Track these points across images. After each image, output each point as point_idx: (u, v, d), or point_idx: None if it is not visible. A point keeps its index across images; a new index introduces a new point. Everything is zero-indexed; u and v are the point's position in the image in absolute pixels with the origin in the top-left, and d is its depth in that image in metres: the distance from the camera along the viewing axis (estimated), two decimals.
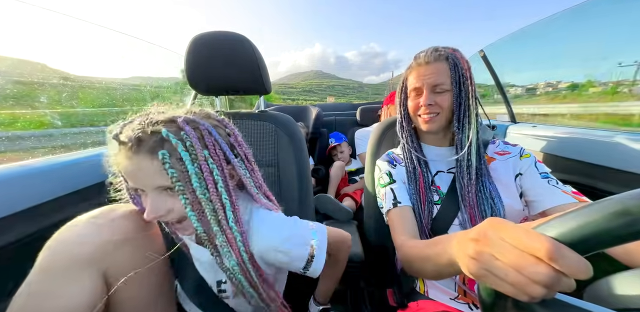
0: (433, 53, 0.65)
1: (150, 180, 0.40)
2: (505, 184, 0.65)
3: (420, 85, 0.66)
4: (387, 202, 0.68)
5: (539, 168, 0.65)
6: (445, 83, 0.63)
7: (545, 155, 1.17)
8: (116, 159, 0.41)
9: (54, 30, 1.03)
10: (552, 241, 0.24)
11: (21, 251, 0.59)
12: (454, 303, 0.62)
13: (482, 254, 0.28)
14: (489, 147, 0.73)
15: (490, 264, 0.27)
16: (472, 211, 0.63)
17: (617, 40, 1.54)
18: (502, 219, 0.29)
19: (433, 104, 0.65)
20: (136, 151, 0.39)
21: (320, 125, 1.98)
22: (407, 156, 0.73)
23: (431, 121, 0.67)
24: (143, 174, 0.40)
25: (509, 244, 0.26)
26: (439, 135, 0.73)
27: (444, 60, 0.64)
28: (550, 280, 0.24)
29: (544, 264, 0.24)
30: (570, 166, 1.04)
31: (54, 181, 0.67)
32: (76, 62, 1.34)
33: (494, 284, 0.28)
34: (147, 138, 0.39)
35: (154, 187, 0.41)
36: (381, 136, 0.92)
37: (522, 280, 0.25)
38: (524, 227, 0.27)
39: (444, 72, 0.63)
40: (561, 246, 0.24)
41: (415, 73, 0.67)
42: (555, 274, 0.24)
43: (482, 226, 0.30)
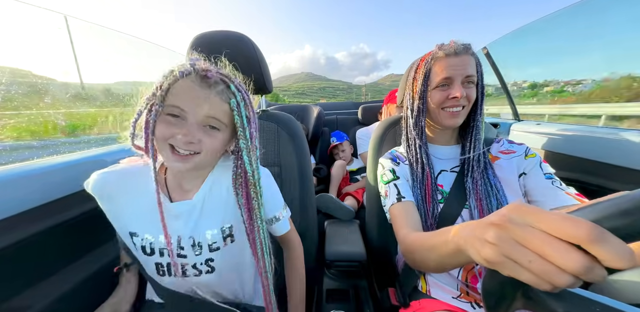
0: (460, 45, 0.63)
1: (210, 110, 0.47)
2: (508, 183, 0.65)
3: (451, 75, 0.62)
4: (391, 197, 0.67)
5: (544, 168, 0.64)
6: (475, 76, 0.63)
7: (549, 153, 1.16)
8: (183, 83, 0.46)
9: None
10: (594, 224, 0.22)
11: (22, 252, 0.59)
12: (456, 302, 0.62)
13: (503, 239, 0.26)
14: (493, 146, 0.72)
15: (511, 249, 0.25)
16: (480, 204, 0.63)
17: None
18: (526, 204, 0.26)
19: (464, 96, 0.62)
20: (211, 86, 0.47)
21: (321, 125, 1.97)
22: (415, 155, 0.71)
23: (457, 115, 0.65)
24: (208, 104, 0.47)
25: (537, 229, 0.24)
26: (447, 133, 0.72)
27: (471, 54, 0.63)
28: (583, 268, 0.21)
29: (577, 251, 0.22)
30: (574, 164, 1.03)
31: (55, 182, 0.67)
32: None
33: (513, 272, 0.26)
34: (219, 82, 0.48)
35: (204, 116, 0.47)
36: (383, 135, 0.92)
37: (548, 268, 0.23)
38: (556, 212, 0.24)
39: (472, 65, 0.63)
40: (603, 229, 0.21)
41: (444, 63, 0.63)
42: (591, 262, 0.21)
43: (504, 210, 0.27)
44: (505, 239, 0.26)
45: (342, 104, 3.16)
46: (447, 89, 0.64)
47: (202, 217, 0.56)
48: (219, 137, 0.50)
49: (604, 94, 2.20)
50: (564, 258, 0.22)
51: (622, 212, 0.22)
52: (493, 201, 0.62)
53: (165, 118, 0.47)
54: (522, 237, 0.24)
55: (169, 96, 0.46)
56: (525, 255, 0.24)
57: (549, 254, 0.23)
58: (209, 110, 0.47)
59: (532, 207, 0.25)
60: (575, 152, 1.04)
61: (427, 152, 0.70)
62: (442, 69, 0.63)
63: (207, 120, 0.48)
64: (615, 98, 2.11)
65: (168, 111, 0.47)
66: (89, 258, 0.74)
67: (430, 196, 0.66)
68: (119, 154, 0.87)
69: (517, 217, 0.25)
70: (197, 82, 0.46)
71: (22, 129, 1.07)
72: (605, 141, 0.95)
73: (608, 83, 2.06)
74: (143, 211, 0.54)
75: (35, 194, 0.62)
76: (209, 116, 0.47)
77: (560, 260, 0.22)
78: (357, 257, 0.80)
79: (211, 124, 0.49)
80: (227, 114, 0.49)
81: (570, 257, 0.22)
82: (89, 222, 0.75)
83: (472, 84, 0.64)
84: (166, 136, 0.47)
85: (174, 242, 0.54)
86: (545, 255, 0.23)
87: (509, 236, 0.25)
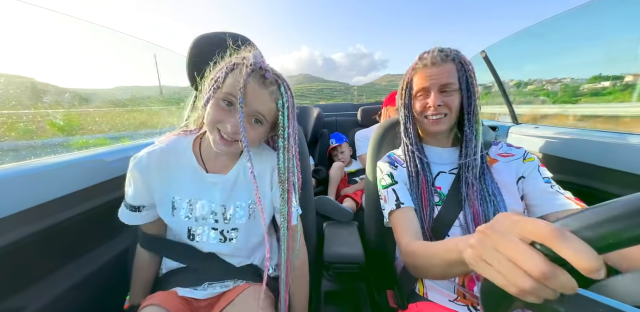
0: (439, 54, 0.64)
1: (259, 106, 0.54)
2: (507, 186, 0.65)
3: (428, 85, 0.65)
4: (390, 203, 0.68)
5: (542, 173, 0.64)
6: (454, 83, 0.63)
7: (547, 156, 1.16)
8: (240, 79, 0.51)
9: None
10: (556, 226, 0.23)
11: (22, 251, 0.59)
12: (453, 305, 0.62)
13: (482, 242, 0.29)
14: (491, 149, 0.72)
15: (486, 252, 0.28)
16: (476, 210, 0.63)
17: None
18: (512, 213, 0.29)
19: (442, 105, 0.64)
20: (266, 85, 0.53)
21: (320, 126, 1.98)
22: (410, 158, 0.72)
23: (439, 122, 0.66)
24: (259, 101, 0.53)
25: (511, 234, 0.26)
26: (442, 136, 0.73)
27: (451, 61, 0.64)
28: (543, 272, 0.23)
29: (541, 256, 0.23)
30: (572, 167, 1.03)
31: (55, 181, 0.67)
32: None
33: (486, 273, 0.28)
34: (274, 82, 0.54)
35: (254, 111, 0.54)
36: (382, 137, 0.92)
37: (514, 270, 0.25)
38: (533, 218, 0.26)
39: (452, 72, 0.63)
40: (565, 230, 0.23)
41: (422, 74, 0.66)
42: (551, 267, 0.23)
43: (493, 219, 0.30)
44: (484, 242, 0.29)
45: (341, 106, 3.16)
46: (424, 99, 0.67)
47: (233, 191, 0.64)
48: (259, 130, 0.57)
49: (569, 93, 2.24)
50: (526, 260, 0.24)
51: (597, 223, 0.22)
52: (490, 206, 0.62)
53: (219, 103, 0.54)
54: (497, 241, 0.27)
55: (228, 86, 0.53)
56: (496, 257, 0.27)
57: (515, 256, 0.25)
58: (259, 106, 0.54)
59: (514, 215, 0.28)
60: (572, 155, 1.05)
61: (420, 157, 0.71)
62: (420, 80, 0.66)
63: (255, 114, 0.55)
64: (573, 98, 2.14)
65: (224, 97, 0.53)
66: (89, 258, 0.74)
67: (427, 199, 0.67)
68: (120, 153, 0.88)
69: (499, 225, 0.28)
70: (256, 79, 0.52)
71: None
72: (603, 145, 0.95)
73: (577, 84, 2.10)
74: (183, 180, 0.62)
75: (34, 193, 0.62)
76: (257, 111, 0.54)
77: (523, 262, 0.24)
78: (356, 259, 0.80)
79: (257, 118, 0.56)
80: (273, 112, 0.56)
81: (532, 260, 0.24)
82: (89, 222, 0.75)
83: (451, 92, 0.64)
84: (217, 120, 0.54)
85: (206, 207, 0.62)
86: (512, 257, 0.25)
87: (488, 241, 0.28)
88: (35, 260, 0.62)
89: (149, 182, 0.61)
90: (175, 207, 0.62)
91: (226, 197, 0.63)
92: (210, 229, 0.64)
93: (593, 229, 0.23)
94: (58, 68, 1.24)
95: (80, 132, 1.29)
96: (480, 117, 0.66)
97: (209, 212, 0.62)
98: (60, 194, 0.67)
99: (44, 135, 1.08)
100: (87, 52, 1.37)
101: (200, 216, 0.62)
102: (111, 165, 0.83)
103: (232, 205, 0.63)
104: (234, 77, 0.52)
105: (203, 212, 0.62)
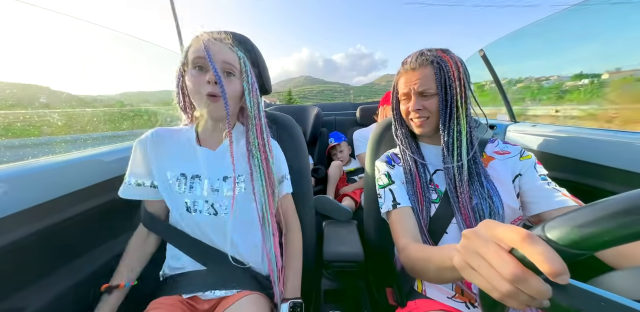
0: (418, 58, 0.65)
1: (225, 56, 0.61)
2: (502, 184, 0.65)
3: (408, 91, 0.67)
4: (387, 203, 0.69)
5: (538, 170, 0.65)
6: (431, 87, 0.64)
7: (545, 154, 1.17)
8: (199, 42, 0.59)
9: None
10: (526, 232, 0.25)
11: (22, 251, 0.59)
12: (451, 302, 0.63)
13: (466, 248, 0.31)
14: (487, 147, 0.73)
15: (469, 256, 0.30)
16: (466, 212, 0.63)
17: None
18: (496, 221, 0.30)
19: (422, 109, 0.66)
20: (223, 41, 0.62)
21: (319, 125, 1.98)
22: (404, 157, 0.74)
23: (422, 125, 0.68)
24: (223, 51, 0.60)
25: (490, 240, 0.28)
26: (434, 135, 0.73)
27: (429, 65, 0.63)
28: (514, 275, 0.25)
29: (515, 261, 0.25)
30: (570, 165, 1.04)
31: (55, 181, 0.67)
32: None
33: (469, 276, 0.30)
34: (227, 37, 0.64)
35: (222, 62, 0.60)
36: (380, 136, 0.93)
37: (492, 273, 0.27)
38: (509, 225, 0.28)
39: (430, 76, 0.63)
40: (534, 235, 0.25)
41: (404, 79, 0.68)
42: (522, 272, 0.25)
43: (478, 225, 0.32)
44: (468, 248, 0.31)
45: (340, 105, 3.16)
46: (407, 103, 0.70)
47: (222, 165, 0.67)
48: (234, 83, 0.62)
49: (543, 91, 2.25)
50: (501, 264, 0.26)
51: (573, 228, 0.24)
52: (484, 203, 0.62)
53: (192, 72, 0.60)
54: (479, 247, 0.29)
55: (192, 53, 0.60)
56: (478, 262, 0.29)
57: (493, 260, 0.27)
58: (224, 56, 0.60)
59: (496, 223, 0.30)
60: (571, 153, 1.06)
61: (415, 154, 0.72)
62: (402, 84, 0.69)
63: (224, 65, 0.61)
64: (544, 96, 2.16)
65: (193, 63, 0.60)
66: (89, 258, 0.74)
67: (422, 197, 0.68)
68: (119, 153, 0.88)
69: (482, 232, 0.30)
70: (213, 38, 0.61)
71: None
72: (601, 143, 0.96)
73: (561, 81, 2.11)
74: (179, 155, 0.68)
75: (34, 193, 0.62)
76: (225, 61, 0.60)
77: (498, 266, 0.26)
78: (355, 257, 0.80)
79: (227, 70, 0.61)
80: (237, 61, 0.63)
81: (505, 264, 0.26)
82: (89, 221, 0.75)
83: (430, 96, 0.65)
84: (197, 83, 0.59)
85: (199, 181, 0.66)
86: (490, 262, 0.27)
87: (471, 246, 0.30)
88: (35, 260, 0.63)
89: (148, 156, 0.67)
90: (170, 181, 0.66)
91: (216, 170, 0.67)
92: (204, 202, 0.66)
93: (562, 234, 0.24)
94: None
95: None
96: (464, 119, 0.64)
97: (201, 185, 0.66)
98: (60, 193, 0.68)
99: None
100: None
101: (193, 189, 0.66)
102: (111, 165, 0.83)
103: (222, 177, 0.67)
104: (194, 45, 0.60)
105: (195, 185, 0.66)
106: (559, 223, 0.25)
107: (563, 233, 0.24)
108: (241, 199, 0.67)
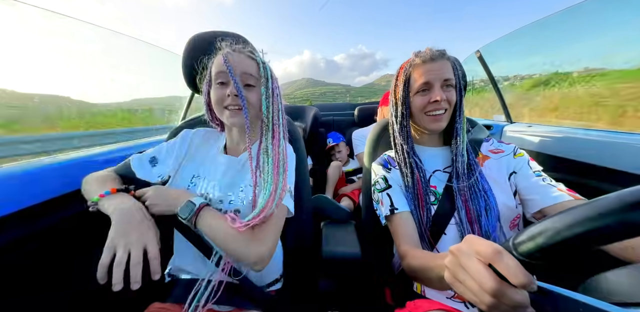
0: (435, 51, 0.66)
1: (245, 67, 0.62)
2: (499, 182, 0.66)
3: (430, 79, 0.64)
4: (385, 208, 0.69)
5: (532, 167, 0.66)
6: (453, 79, 0.65)
7: (541, 154, 1.18)
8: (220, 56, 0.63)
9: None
10: (495, 246, 0.28)
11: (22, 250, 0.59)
12: (450, 302, 0.63)
13: (453, 263, 0.33)
14: (483, 146, 0.74)
15: (456, 272, 0.32)
16: (468, 205, 0.64)
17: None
18: (478, 237, 0.32)
19: (444, 100, 0.64)
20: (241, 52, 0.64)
21: (318, 125, 1.98)
22: (404, 159, 0.71)
23: (439, 119, 0.66)
24: (242, 62, 0.62)
25: (472, 255, 0.30)
26: (435, 135, 0.73)
27: (447, 59, 0.66)
28: (492, 288, 0.27)
29: (492, 275, 0.28)
30: (566, 165, 1.05)
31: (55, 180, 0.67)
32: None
33: (459, 291, 0.32)
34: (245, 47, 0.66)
35: (242, 73, 0.61)
36: (379, 137, 0.93)
37: (475, 287, 0.29)
38: (483, 240, 0.31)
39: (449, 69, 0.65)
40: (502, 250, 0.28)
41: (422, 69, 0.65)
42: (498, 284, 0.27)
43: (462, 241, 0.34)
44: (454, 264, 0.33)
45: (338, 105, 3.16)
46: (427, 94, 0.66)
47: (241, 172, 0.68)
48: (254, 92, 0.63)
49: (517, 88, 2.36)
50: (481, 278, 0.28)
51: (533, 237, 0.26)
52: (481, 201, 0.63)
53: (215, 87, 0.63)
54: (464, 262, 0.31)
55: (214, 67, 0.62)
56: (462, 275, 0.31)
57: (474, 275, 0.29)
58: (244, 67, 0.62)
59: (476, 239, 0.32)
60: (566, 154, 1.07)
61: (414, 157, 0.71)
62: (421, 75, 0.65)
63: (245, 77, 0.62)
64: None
65: (216, 78, 0.62)
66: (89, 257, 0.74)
67: (423, 200, 0.67)
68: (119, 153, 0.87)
69: (465, 248, 0.32)
70: (232, 50, 0.63)
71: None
72: (596, 143, 0.97)
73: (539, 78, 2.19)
74: (206, 160, 0.71)
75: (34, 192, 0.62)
76: (245, 72, 0.62)
77: (479, 280, 0.28)
78: (354, 257, 0.80)
79: (247, 83, 0.63)
80: (257, 70, 0.63)
81: (483, 278, 0.28)
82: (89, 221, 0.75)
83: (451, 87, 0.66)
84: (219, 96, 0.62)
85: (216, 187, 0.67)
86: (472, 276, 0.29)
87: (457, 262, 0.32)
88: (35, 259, 0.62)
89: (181, 151, 0.71)
90: (193, 184, 0.68)
91: (233, 178, 0.68)
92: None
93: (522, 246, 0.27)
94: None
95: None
96: (464, 117, 0.69)
97: (216, 191, 0.66)
98: (61, 193, 0.67)
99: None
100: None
101: (209, 194, 0.66)
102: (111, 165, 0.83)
103: (238, 186, 0.67)
104: (216, 60, 0.63)
105: (211, 191, 0.66)
106: (523, 235, 0.27)
107: (523, 245, 0.27)
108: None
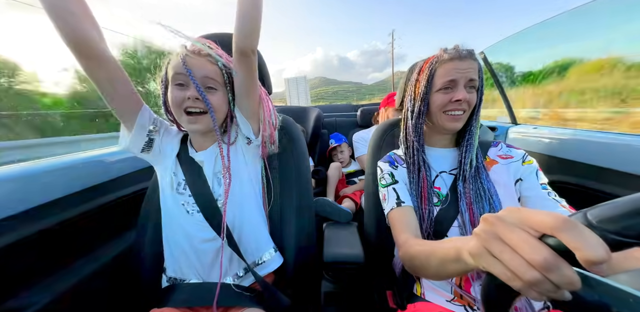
0: (464, 50, 0.64)
1: (205, 71, 0.60)
2: (505, 188, 0.65)
3: (457, 78, 0.62)
4: (390, 201, 0.68)
5: (540, 178, 0.64)
6: (477, 80, 0.63)
7: (546, 156, 1.16)
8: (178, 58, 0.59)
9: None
10: (564, 216, 0.23)
11: (23, 251, 0.60)
12: (450, 305, 0.63)
13: (486, 231, 0.27)
14: (490, 150, 0.72)
15: (489, 241, 0.27)
16: (472, 208, 0.63)
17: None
18: (521, 207, 0.28)
19: (465, 101, 0.63)
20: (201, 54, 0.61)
21: (320, 127, 1.98)
22: (412, 157, 0.71)
23: (458, 119, 0.65)
24: (202, 66, 0.60)
25: (518, 225, 0.25)
26: (447, 136, 0.73)
27: (474, 59, 0.63)
28: (547, 263, 0.22)
29: (545, 246, 0.23)
30: (571, 168, 1.04)
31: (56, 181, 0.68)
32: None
33: (489, 264, 0.27)
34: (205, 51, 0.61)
35: (203, 77, 0.60)
36: (382, 138, 0.93)
37: (516, 260, 0.24)
38: (541, 210, 0.25)
39: (475, 69, 0.63)
40: (574, 220, 0.22)
41: (449, 66, 0.63)
42: (555, 258, 0.22)
43: (500, 211, 0.28)
44: (488, 232, 0.27)
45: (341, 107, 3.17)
46: (450, 92, 0.64)
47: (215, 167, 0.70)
48: (217, 95, 0.63)
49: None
50: (531, 250, 0.23)
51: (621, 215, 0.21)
52: (485, 205, 0.62)
53: (174, 88, 0.61)
54: (502, 232, 0.26)
55: (172, 69, 0.60)
56: (499, 246, 0.26)
57: (519, 246, 0.24)
58: (204, 71, 0.60)
59: (522, 208, 0.27)
60: (572, 156, 1.05)
61: (424, 155, 0.70)
62: (447, 72, 0.63)
63: (205, 80, 0.61)
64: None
65: (173, 80, 0.60)
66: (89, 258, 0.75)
67: (427, 199, 0.67)
68: (120, 154, 0.88)
69: (507, 217, 0.27)
70: (190, 53, 0.60)
71: None
72: (602, 145, 0.95)
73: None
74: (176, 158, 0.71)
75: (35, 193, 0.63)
76: (206, 76, 0.60)
77: (527, 252, 0.23)
78: (355, 259, 0.80)
79: (209, 85, 0.62)
80: (219, 73, 0.63)
81: (536, 249, 0.23)
82: (90, 221, 0.76)
83: (473, 89, 0.64)
84: (178, 97, 0.60)
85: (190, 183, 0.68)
86: (516, 247, 0.24)
87: (493, 230, 0.27)
88: (36, 260, 0.63)
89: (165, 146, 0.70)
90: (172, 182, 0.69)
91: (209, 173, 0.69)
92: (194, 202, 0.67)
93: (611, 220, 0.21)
94: None
95: None
96: (478, 121, 0.68)
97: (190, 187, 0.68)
98: (62, 194, 0.68)
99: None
100: None
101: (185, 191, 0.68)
102: (112, 165, 0.84)
103: (214, 179, 0.69)
104: (173, 61, 0.60)
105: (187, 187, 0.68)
106: (606, 209, 0.22)
107: (612, 219, 0.21)
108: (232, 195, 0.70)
